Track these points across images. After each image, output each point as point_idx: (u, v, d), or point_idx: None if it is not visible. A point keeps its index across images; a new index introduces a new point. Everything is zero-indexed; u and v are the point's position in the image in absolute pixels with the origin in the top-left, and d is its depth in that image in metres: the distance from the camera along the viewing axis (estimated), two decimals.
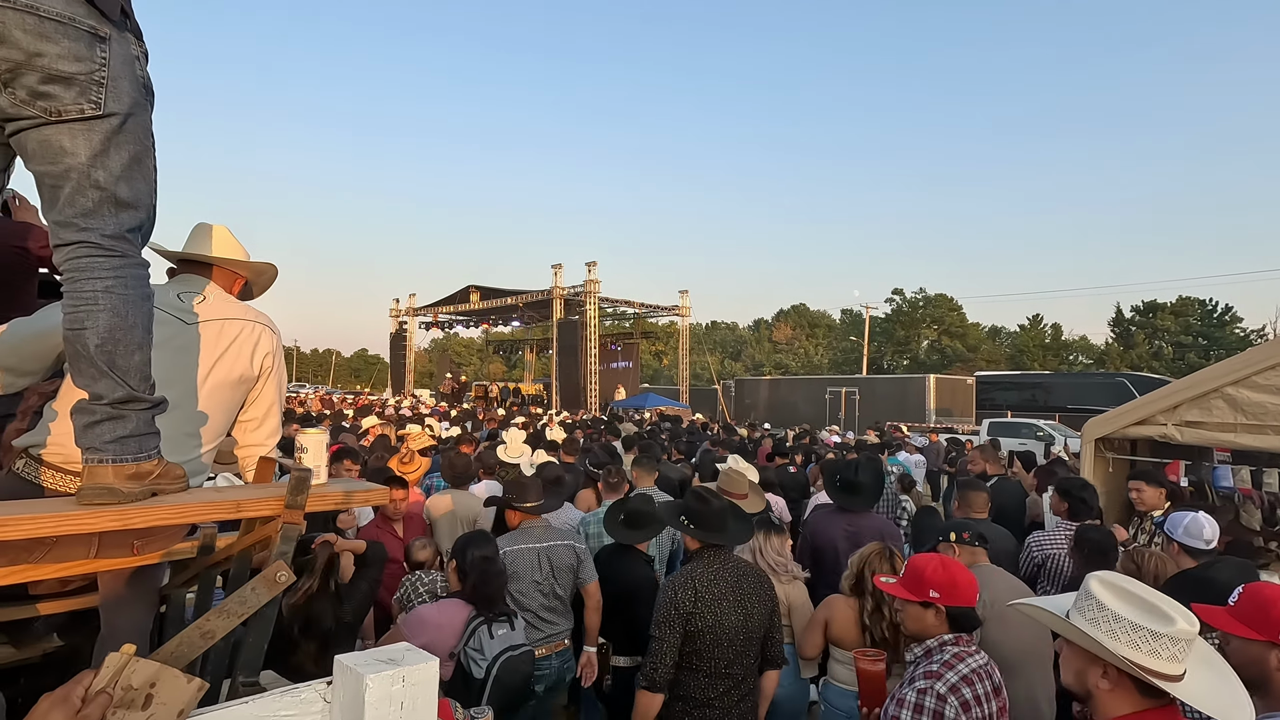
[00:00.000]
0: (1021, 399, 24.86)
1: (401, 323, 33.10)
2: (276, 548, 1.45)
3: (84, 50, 1.26)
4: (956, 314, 56.59)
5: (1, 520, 1.22)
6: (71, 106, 1.27)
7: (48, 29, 1.22)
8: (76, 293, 1.35)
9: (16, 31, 1.20)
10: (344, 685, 1.07)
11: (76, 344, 1.35)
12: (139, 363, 1.40)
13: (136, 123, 1.36)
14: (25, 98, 1.24)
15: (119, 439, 1.38)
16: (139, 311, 1.40)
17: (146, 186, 1.40)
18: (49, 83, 1.24)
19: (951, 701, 1.88)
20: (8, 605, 1.82)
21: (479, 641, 2.75)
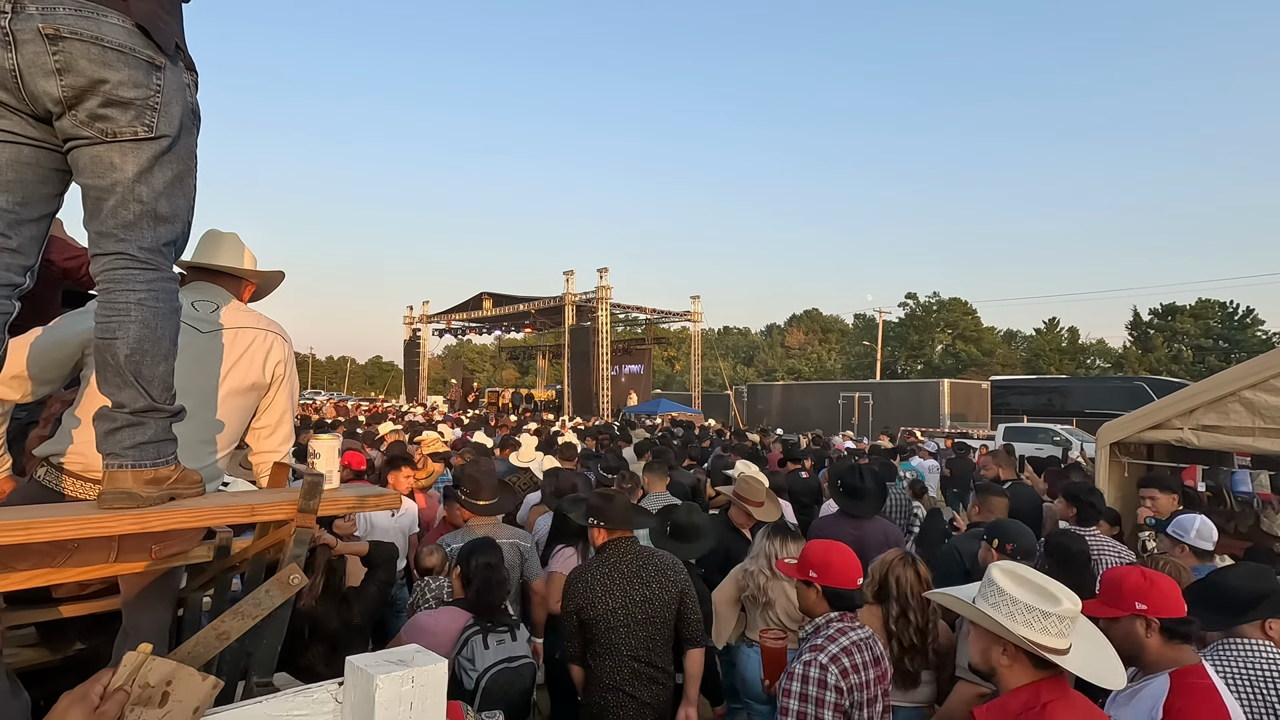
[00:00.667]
0: (1038, 403, 24.58)
1: (415, 330, 33.34)
2: (290, 551, 1.48)
3: (142, 78, 1.36)
4: (971, 318, 56.13)
5: (27, 524, 1.26)
6: (126, 129, 1.36)
7: (110, 58, 1.32)
8: (111, 303, 1.41)
9: (82, 61, 1.30)
10: (355, 686, 1.10)
11: (106, 353, 1.41)
12: (163, 373, 1.46)
13: (183, 145, 1.46)
14: (85, 119, 1.33)
15: (138, 445, 1.43)
16: (167, 324, 1.46)
17: (185, 203, 1.49)
18: (108, 106, 1.34)
19: (833, 670, 2.13)
20: (33, 608, 1.87)
21: (471, 651, 2.69)
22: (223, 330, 1.87)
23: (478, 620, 2.78)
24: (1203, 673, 1.90)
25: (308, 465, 1.65)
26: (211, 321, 1.87)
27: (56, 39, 1.28)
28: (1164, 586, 2.01)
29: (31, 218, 1.40)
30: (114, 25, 1.33)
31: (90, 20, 1.30)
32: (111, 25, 1.33)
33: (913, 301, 58.32)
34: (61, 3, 1.29)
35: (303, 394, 7.38)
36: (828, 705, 2.08)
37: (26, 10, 1.27)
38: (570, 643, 2.88)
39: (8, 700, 1.70)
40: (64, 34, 1.28)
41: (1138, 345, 49.02)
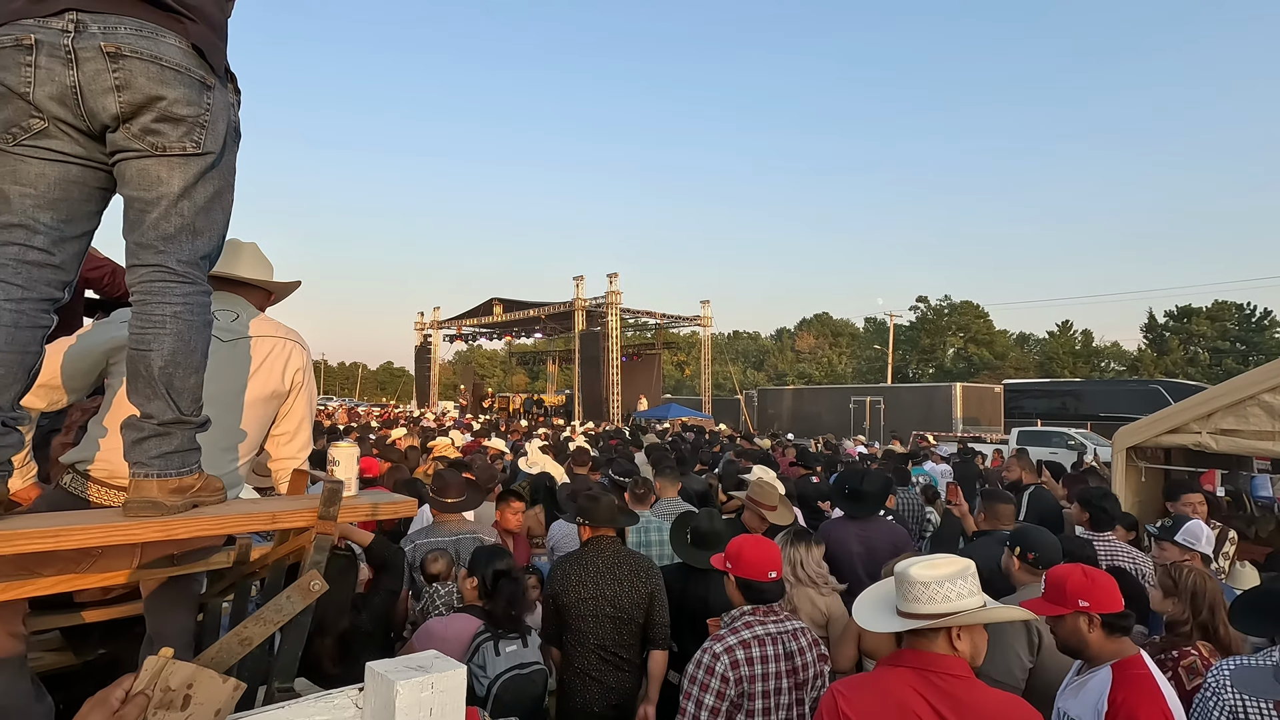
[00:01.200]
0: (1051, 407, 24.34)
1: (426, 336, 33.53)
2: (310, 557, 1.50)
3: (195, 96, 1.42)
4: (983, 321, 55.75)
5: (56, 532, 1.28)
6: (175, 144, 1.41)
7: (168, 76, 1.38)
8: (146, 315, 1.45)
9: (141, 78, 1.36)
10: (375, 691, 1.11)
11: (140, 363, 1.44)
12: (193, 386, 1.49)
13: (225, 162, 1.51)
14: (137, 133, 1.38)
15: (164, 455, 1.45)
16: (200, 337, 1.50)
17: (222, 217, 1.54)
18: (162, 121, 1.39)
19: (723, 659, 2.19)
20: (56, 613, 1.90)
21: (483, 658, 2.68)
22: (243, 339, 1.89)
23: (489, 627, 2.78)
24: (1141, 663, 2.03)
25: (326, 472, 1.67)
26: (233, 330, 1.90)
27: (117, 57, 1.33)
28: (1104, 584, 2.09)
29: (74, 235, 1.44)
30: (172, 46, 1.39)
31: (150, 40, 1.36)
32: (169, 45, 1.38)
33: (924, 305, 58.04)
34: (123, 22, 1.35)
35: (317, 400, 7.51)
36: (711, 690, 2.17)
37: (89, 30, 1.32)
38: (548, 625, 3.10)
39: (32, 704, 1.73)
40: (124, 52, 1.34)
41: (1153, 348, 48.50)
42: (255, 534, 1.94)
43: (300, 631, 1.55)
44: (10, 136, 1.34)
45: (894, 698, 1.62)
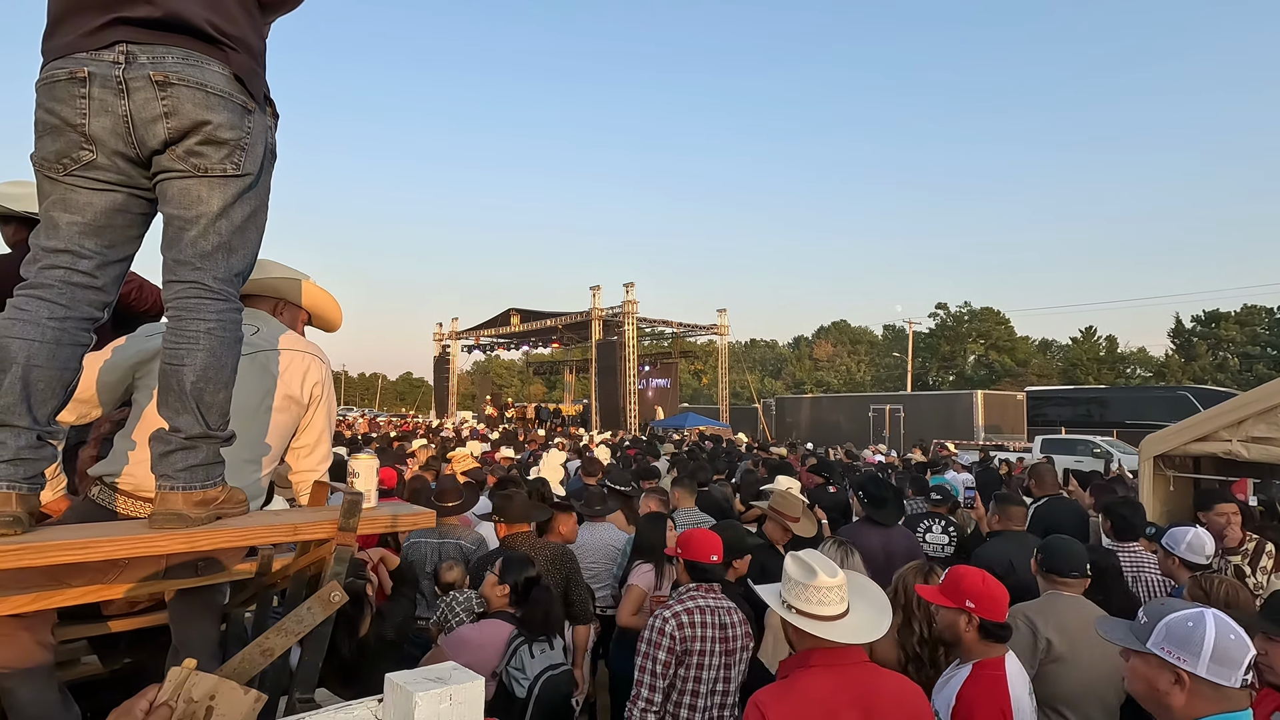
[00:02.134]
0: (1076, 415, 23.94)
1: (444, 346, 33.82)
2: (330, 568, 1.51)
3: (237, 120, 1.48)
4: (1004, 327, 55.03)
5: (84, 543, 1.31)
6: (216, 166, 1.46)
7: (213, 102, 1.44)
8: (181, 330, 1.49)
9: (188, 105, 1.42)
10: (394, 703, 1.12)
11: (172, 378, 1.48)
12: (222, 401, 1.53)
13: (261, 182, 1.57)
14: (181, 154, 1.44)
15: (190, 468, 1.48)
16: (231, 353, 1.54)
17: (256, 236, 1.59)
18: (205, 144, 1.45)
19: (671, 622, 2.60)
20: (85, 623, 1.93)
21: (520, 661, 2.78)
22: (263, 352, 1.92)
23: (522, 631, 2.87)
24: (999, 665, 2.14)
25: (346, 484, 1.69)
26: (253, 344, 1.92)
27: (165, 85, 1.39)
28: (995, 593, 2.20)
29: (116, 259, 1.50)
30: (216, 73, 1.45)
31: (196, 68, 1.42)
32: (214, 73, 1.45)
33: (943, 311, 57.47)
34: (170, 52, 1.41)
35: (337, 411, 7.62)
36: (662, 647, 2.58)
37: (139, 60, 1.39)
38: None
39: (60, 712, 1.76)
40: (172, 80, 1.40)
41: (1180, 354, 47.55)
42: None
43: (321, 642, 1.57)
44: (61, 167, 1.41)
45: (814, 699, 1.76)
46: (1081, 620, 2.69)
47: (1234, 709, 1.49)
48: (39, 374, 1.38)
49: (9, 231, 2.66)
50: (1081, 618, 2.71)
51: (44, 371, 1.38)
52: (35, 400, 1.38)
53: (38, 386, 1.38)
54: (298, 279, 2.18)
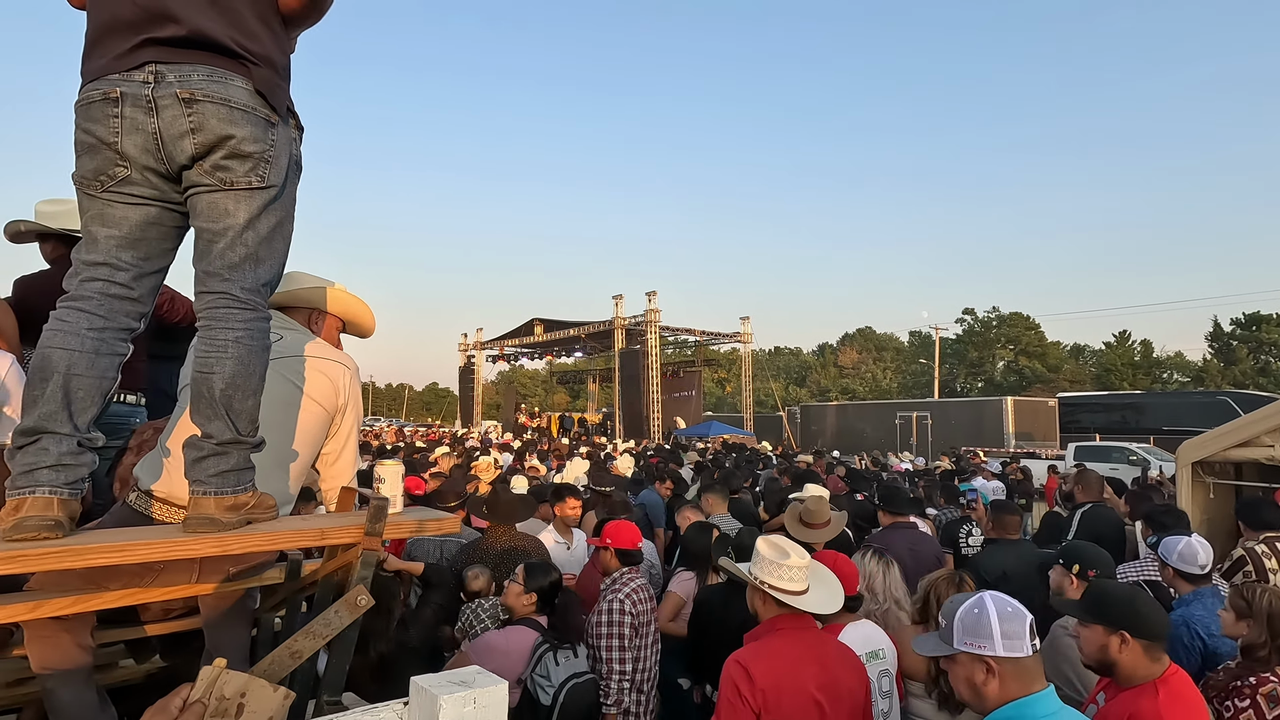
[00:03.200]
0: (1110, 421, 23.29)
1: (469, 357, 34.11)
2: (357, 573, 1.54)
3: (260, 133, 1.53)
4: (1034, 333, 53.95)
5: (121, 547, 1.35)
6: (242, 179, 1.52)
7: (236, 116, 1.50)
8: (211, 339, 1.54)
9: (213, 120, 1.47)
10: (419, 706, 1.13)
11: (203, 385, 1.54)
12: (250, 408, 1.58)
13: (287, 194, 1.62)
14: (209, 169, 1.50)
15: (221, 473, 1.53)
16: (259, 361, 1.59)
17: (283, 246, 1.65)
18: (230, 158, 1.51)
19: (627, 603, 3.10)
20: (123, 627, 1.98)
21: (545, 668, 2.79)
22: (288, 359, 1.96)
23: (547, 638, 2.88)
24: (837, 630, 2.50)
25: (373, 490, 1.72)
26: (277, 350, 1.96)
27: (191, 102, 1.45)
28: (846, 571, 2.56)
29: (151, 271, 1.56)
30: (239, 88, 1.50)
31: (220, 84, 1.48)
32: (238, 88, 1.50)
33: (970, 317, 56.56)
34: (196, 70, 1.46)
35: (364, 420, 7.76)
36: (625, 624, 3.03)
37: (166, 79, 1.45)
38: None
39: (98, 714, 1.80)
40: (198, 97, 1.46)
41: (1219, 357, 46.19)
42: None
43: (348, 646, 1.59)
44: (99, 184, 1.47)
45: (785, 656, 2.09)
46: None
47: (1036, 688, 1.61)
48: (79, 382, 1.43)
49: (47, 249, 2.75)
50: None
51: (84, 380, 1.44)
52: (76, 408, 1.43)
53: (78, 394, 1.43)
54: (330, 288, 2.22)
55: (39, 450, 1.40)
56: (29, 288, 2.59)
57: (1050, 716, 1.58)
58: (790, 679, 2.01)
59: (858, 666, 2.22)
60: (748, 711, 1.96)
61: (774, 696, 1.97)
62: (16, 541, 1.33)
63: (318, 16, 1.73)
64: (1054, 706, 1.60)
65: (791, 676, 2.02)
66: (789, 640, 2.11)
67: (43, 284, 2.61)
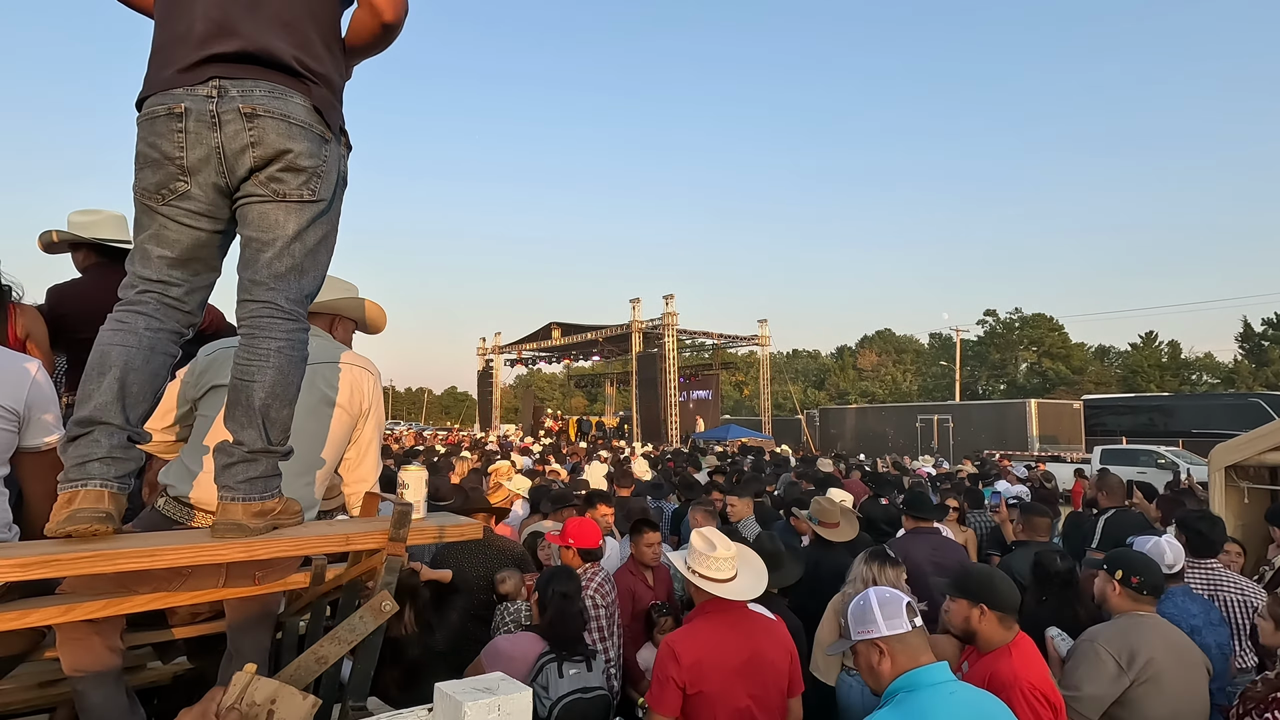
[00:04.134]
0: (1137, 424, 22.84)
1: (488, 361, 34.35)
2: (381, 578, 1.54)
3: (315, 149, 1.57)
4: (1057, 334, 53.15)
5: (150, 551, 1.36)
6: (294, 191, 1.55)
7: (294, 132, 1.53)
8: (253, 348, 1.56)
9: (272, 135, 1.51)
10: (443, 712, 1.13)
11: (242, 393, 1.55)
12: (285, 417, 1.60)
13: (333, 208, 1.66)
14: (263, 181, 1.54)
15: (249, 480, 1.54)
16: (297, 372, 1.61)
17: (326, 258, 1.68)
18: (286, 171, 1.54)
19: (599, 592, 3.31)
20: (151, 630, 2.01)
21: (546, 679, 2.68)
22: (317, 365, 1.98)
23: (553, 648, 2.77)
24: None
25: (396, 495, 1.72)
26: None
27: (253, 116, 1.49)
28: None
29: (201, 286, 1.62)
30: (298, 105, 1.55)
31: (280, 100, 1.52)
32: (296, 105, 1.54)
33: (992, 319, 55.86)
34: (258, 85, 1.50)
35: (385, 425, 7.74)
36: (601, 615, 3.25)
37: (229, 94, 1.48)
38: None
39: (128, 715, 1.83)
40: (259, 112, 1.49)
41: (1250, 358, 45.18)
42: None
43: (372, 651, 1.59)
44: (160, 198, 1.52)
45: (711, 637, 2.34)
46: (1167, 643, 2.58)
47: (923, 661, 1.79)
48: (134, 377, 1.48)
49: (79, 258, 2.81)
50: (1167, 641, 2.60)
51: (139, 375, 1.49)
52: (129, 402, 1.48)
53: (132, 389, 1.48)
54: (359, 299, 2.25)
55: (92, 442, 1.43)
56: (62, 296, 2.64)
57: (938, 685, 1.74)
58: (713, 655, 2.28)
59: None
60: (675, 687, 2.25)
61: (697, 672, 2.25)
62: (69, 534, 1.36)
63: (381, 49, 1.77)
64: (942, 676, 1.77)
65: (715, 653, 2.29)
66: (714, 621, 2.38)
67: (75, 292, 2.66)
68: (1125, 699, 2.49)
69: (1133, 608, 2.68)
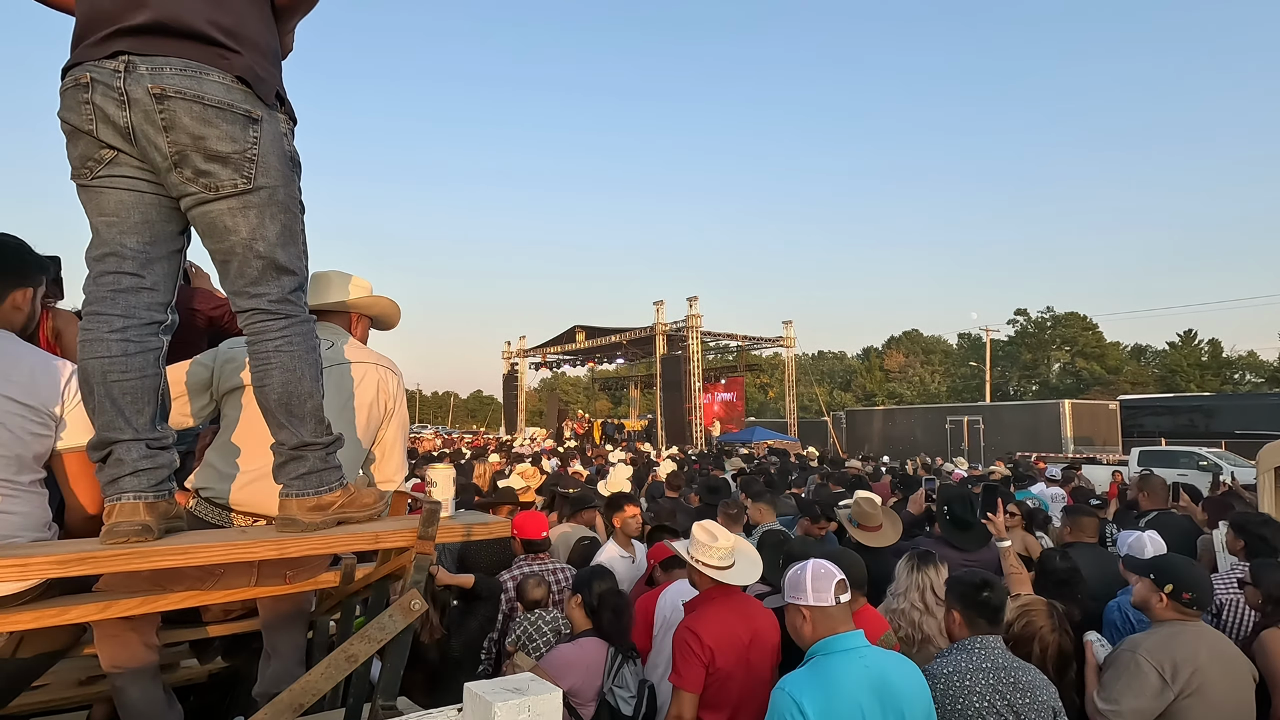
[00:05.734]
0: (1177, 425, 22.14)
1: (513, 364, 34.58)
2: (410, 577, 1.54)
3: (238, 132, 1.44)
4: (1091, 333, 51.86)
5: (184, 549, 1.38)
6: (226, 182, 1.44)
7: (209, 115, 1.41)
8: (255, 354, 1.56)
9: (185, 118, 1.39)
10: (473, 712, 1.12)
11: (260, 400, 1.57)
12: (312, 409, 1.58)
13: (285, 194, 1.53)
14: (190, 175, 1.43)
15: (301, 476, 1.56)
16: (305, 363, 1.57)
17: (297, 250, 1.58)
18: (209, 161, 1.42)
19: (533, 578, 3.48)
20: (187, 627, 2.04)
21: (624, 679, 2.75)
22: (338, 365, 1.99)
23: (619, 650, 2.84)
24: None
25: (425, 494, 1.72)
26: (329, 358, 1.99)
27: (163, 98, 1.37)
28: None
29: (161, 255, 1.49)
30: (214, 83, 1.41)
31: (193, 79, 1.39)
32: (213, 83, 1.41)
33: (1023, 318, 54.71)
34: (169, 63, 1.38)
35: (411, 428, 7.79)
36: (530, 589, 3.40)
37: (138, 70, 1.37)
38: None
39: (165, 710, 1.85)
40: (169, 93, 1.37)
41: None
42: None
43: (402, 650, 1.59)
44: (87, 171, 1.43)
45: (725, 618, 2.53)
46: (1213, 653, 2.48)
47: (842, 629, 2.04)
48: (119, 387, 1.43)
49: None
50: (1213, 650, 2.50)
51: (123, 383, 1.44)
52: (128, 411, 1.45)
53: (124, 398, 1.44)
54: (377, 297, 2.26)
55: (115, 462, 1.44)
56: None
57: (850, 651, 1.99)
58: (726, 635, 2.50)
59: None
60: (700, 663, 2.44)
61: (716, 650, 2.46)
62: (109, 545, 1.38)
63: (309, 5, 1.64)
64: (856, 644, 2.02)
65: (727, 633, 2.51)
66: (720, 605, 2.60)
67: None
68: (1169, 712, 2.39)
69: (1177, 619, 2.58)
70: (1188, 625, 2.55)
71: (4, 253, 1.69)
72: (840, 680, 1.91)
